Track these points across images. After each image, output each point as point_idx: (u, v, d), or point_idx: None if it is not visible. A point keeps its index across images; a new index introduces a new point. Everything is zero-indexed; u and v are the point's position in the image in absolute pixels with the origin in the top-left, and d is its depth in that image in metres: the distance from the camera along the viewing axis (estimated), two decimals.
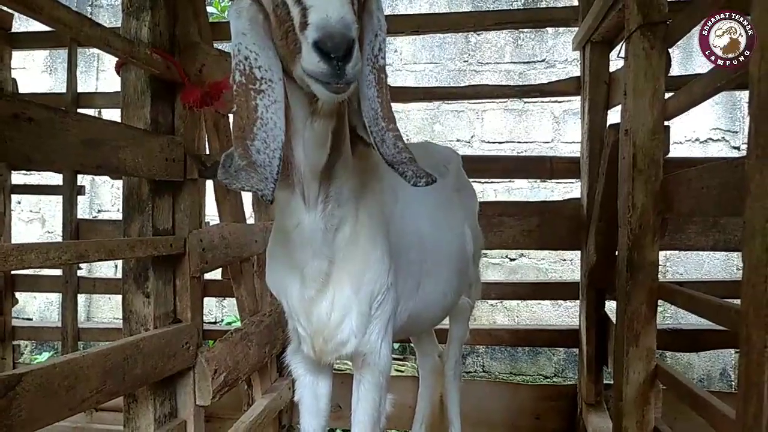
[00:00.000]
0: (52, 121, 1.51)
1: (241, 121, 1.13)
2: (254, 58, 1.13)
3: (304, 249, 1.43)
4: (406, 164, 1.20)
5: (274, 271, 1.64)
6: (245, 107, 1.12)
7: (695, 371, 4.70)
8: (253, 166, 1.10)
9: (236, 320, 4.56)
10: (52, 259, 1.51)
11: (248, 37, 1.14)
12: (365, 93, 1.21)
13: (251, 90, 1.13)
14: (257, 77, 1.13)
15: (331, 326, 1.53)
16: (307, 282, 1.48)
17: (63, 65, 3.76)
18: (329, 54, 0.96)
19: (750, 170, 1.07)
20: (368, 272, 1.53)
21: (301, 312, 1.55)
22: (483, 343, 4.14)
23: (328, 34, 0.95)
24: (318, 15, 0.96)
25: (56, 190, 3.71)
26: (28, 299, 5.49)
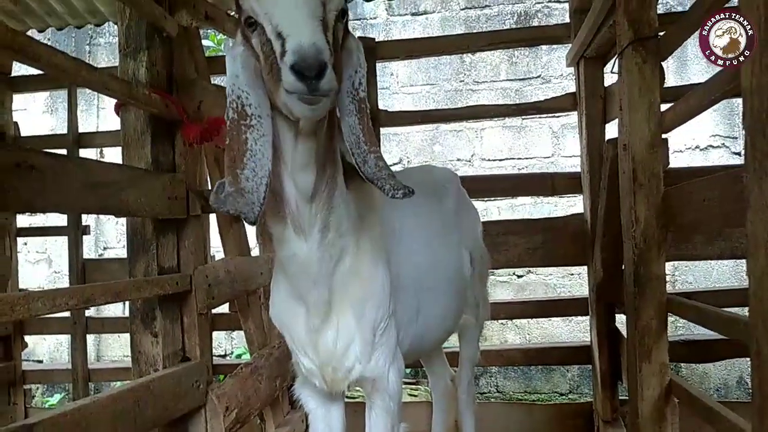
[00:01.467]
0: (54, 167, 1.53)
1: (232, 153, 1.25)
2: (245, 97, 1.27)
3: (303, 279, 1.48)
4: (385, 179, 1.31)
5: (277, 305, 1.67)
6: (237, 140, 1.25)
7: (711, 381, 4.64)
8: (241, 192, 1.22)
9: (246, 352, 4.54)
10: (59, 305, 1.51)
11: (240, 79, 1.27)
12: (346, 121, 1.33)
13: (242, 125, 1.25)
14: (248, 113, 1.26)
15: (337, 355, 1.56)
16: (311, 311, 1.51)
17: (64, 105, 3.80)
18: (303, 74, 1.08)
19: (749, 183, 1.06)
20: (370, 301, 1.57)
21: (308, 343, 1.57)
22: (495, 364, 4.10)
23: (302, 57, 1.07)
24: (294, 41, 1.10)
25: (61, 231, 3.73)
26: (37, 340, 5.49)
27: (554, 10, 5.08)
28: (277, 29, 1.15)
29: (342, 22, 1.28)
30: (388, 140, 5.10)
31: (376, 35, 5.09)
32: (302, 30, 1.11)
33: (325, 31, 1.16)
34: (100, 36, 5.80)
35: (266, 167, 1.25)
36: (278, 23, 1.15)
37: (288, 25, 1.13)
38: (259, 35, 1.23)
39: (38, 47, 1.48)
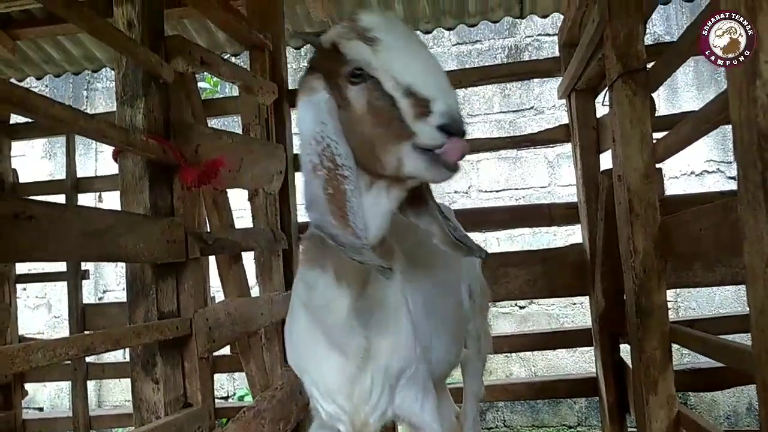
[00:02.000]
0: (52, 217, 1.53)
1: (336, 206, 1.22)
2: (335, 146, 1.23)
3: (340, 327, 1.46)
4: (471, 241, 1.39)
5: (299, 351, 1.64)
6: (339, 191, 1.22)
7: (721, 408, 4.58)
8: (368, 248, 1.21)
9: (248, 393, 4.48)
10: (59, 355, 1.50)
11: (328, 127, 1.24)
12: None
13: (338, 175, 1.22)
14: (338, 164, 1.23)
15: (372, 402, 1.56)
16: (349, 359, 1.50)
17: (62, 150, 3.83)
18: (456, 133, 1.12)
19: (743, 215, 1.07)
20: (399, 347, 1.58)
21: (341, 391, 1.55)
22: (501, 399, 4.05)
23: (454, 119, 1.11)
24: (444, 103, 1.12)
25: (61, 276, 3.71)
26: (38, 387, 5.43)
27: (544, 43, 5.17)
28: (409, 88, 1.15)
29: None
30: None
31: None
32: (450, 94, 1.14)
33: None
34: (97, 81, 5.88)
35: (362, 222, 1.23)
36: (413, 82, 1.15)
37: (431, 87, 1.14)
38: (368, 89, 1.22)
39: (36, 99, 1.50)
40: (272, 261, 2.90)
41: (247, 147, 2.65)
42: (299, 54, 5.39)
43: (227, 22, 2.74)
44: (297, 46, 4.11)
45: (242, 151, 2.55)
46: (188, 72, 2.27)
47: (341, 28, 1.29)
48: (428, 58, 1.21)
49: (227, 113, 3.65)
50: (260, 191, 2.84)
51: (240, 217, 2.86)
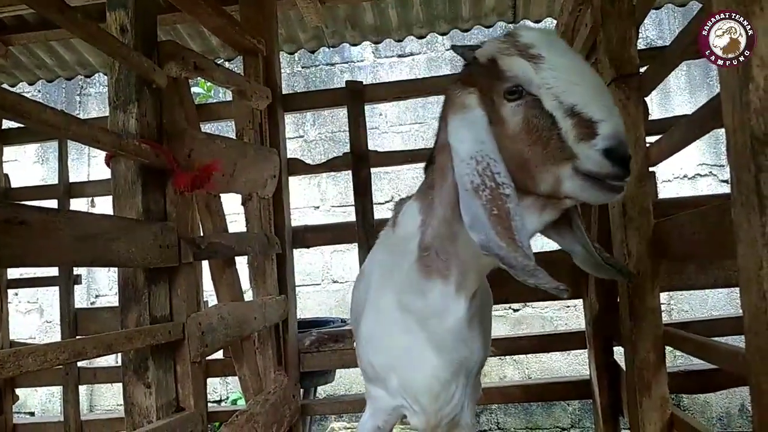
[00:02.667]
0: (44, 222, 1.52)
1: (502, 225, 1.19)
2: (494, 165, 1.21)
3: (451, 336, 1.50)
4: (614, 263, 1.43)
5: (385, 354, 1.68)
6: (503, 211, 1.19)
7: (713, 410, 4.59)
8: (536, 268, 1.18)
9: (241, 397, 4.46)
10: (50, 360, 1.48)
11: (487, 146, 1.23)
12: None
13: (501, 195, 1.20)
14: (499, 182, 1.20)
15: (453, 404, 1.63)
16: (446, 366, 1.54)
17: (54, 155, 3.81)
18: (622, 158, 1.10)
19: (737, 218, 1.08)
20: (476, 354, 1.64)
21: (428, 393, 1.59)
22: (495, 402, 4.05)
23: (621, 142, 1.10)
24: (611, 126, 1.11)
25: (53, 281, 3.69)
26: (29, 392, 5.39)
27: None
28: (573, 108, 1.13)
29: None
30: (380, 179, 5.14)
31: (364, 77, 5.18)
32: (617, 116, 1.13)
33: None
34: (90, 86, 5.86)
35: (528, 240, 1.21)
36: (578, 102, 1.13)
37: (598, 108, 1.12)
38: (527, 106, 1.20)
39: (28, 104, 1.49)
40: (266, 265, 2.89)
41: (240, 151, 2.64)
42: (293, 58, 5.40)
43: (220, 27, 2.74)
44: (291, 51, 4.11)
45: (236, 155, 2.55)
46: (181, 77, 2.26)
47: (500, 42, 1.26)
48: (594, 79, 1.20)
49: (221, 118, 3.65)
50: (254, 196, 2.83)
51: (233, 221, 2.85)
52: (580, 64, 1.21)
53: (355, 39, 3.98)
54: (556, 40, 1.25)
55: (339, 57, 5.48)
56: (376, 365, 1.73)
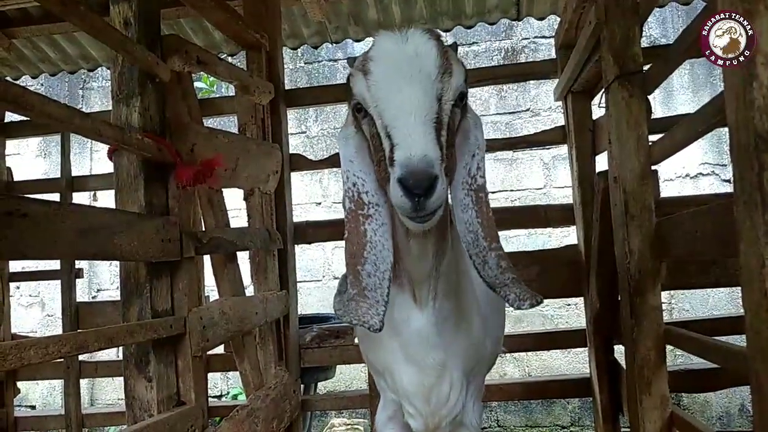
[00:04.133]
0: (46, 215, 1.52)
1: (352, 247, 1.19)
2: (361, 183, 1.21)
3: (418, 343, 1.46)
4: (509, 286, 1.21)
5: (377, 353, 1.66)
6: (355, 233, 1.20)
7: (713, 409, 4.59)
8: (363, 292, 1.16)
9: (242, 392, 4.47)
10: (51, 353, 1.49)
11: (355, 165, 1.22)
12: (461, 217, 1.23)
13: (360, 215, 1.20)
14: (365, 202, 1.21)
15: (449, 406, 1.57)
16: (427, 371, 1.50)
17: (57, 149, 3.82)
18: (411, 190, 1.00)
19: (739, 216, 1.07)
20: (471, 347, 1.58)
21: (419, 396, 1.56)
22: (495, 399, 4.05)
23: (410, 172, 0.99)
24: (402, 153, 1.01)
25: (54, 275, 3.69)
26: (30, 385, 5.40)
27: (540, 45, 5.18)
28: (386, 129, 1.07)
29: (460, 105, 1.19)
30: None
31: None
32: (413, 139, 1.02)
33: (439, 133, 1.08)
34: (93, 80, 5.86)
35: (388, 260, 1.19)
36: (388, 123, 1.07)
37: (398, 130, 1.05)
38: (369, 124, 1.16)
39: (31, 97, 1.49)
40: (267, 261, 2.89)
41: (243, 147, 2.64)
42: (296, 54, 5.39)
43: (224, 22, 2.74)
44: (294, 47, 4.10)
45: (238, 150, 2.55)
46: (184, 71, 2.26)
47: (361, 56, 1.21)
48: (409, 95, 1.07)
49: (223, 113, 3.64)
50: (256, 191, 2.83)
51: (235, 216, 2.85)
52: (402, 80, 1.08)
53: (358, 35, 3.97)
54: (393, 49, 1.12)
55: (342, 53, 5.47)
56: (373, 362, 1.73)
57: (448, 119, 1.13)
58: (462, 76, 1.16)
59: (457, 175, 1.24)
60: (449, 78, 1.12)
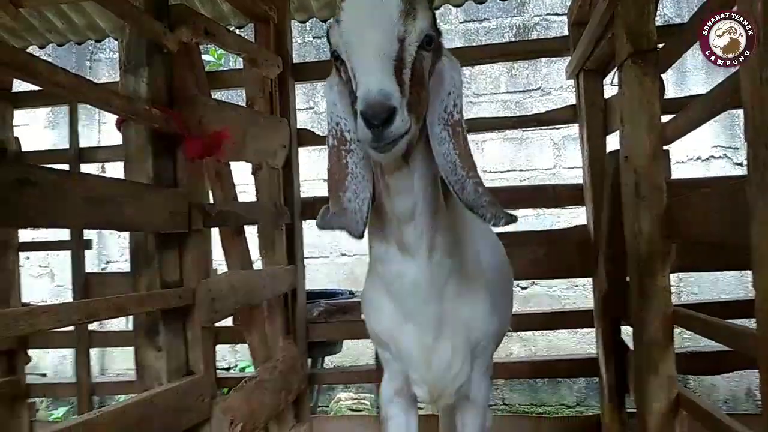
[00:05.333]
0: (56, 183, 1.53)
1: (333, 177, 1.33)
2: (344, 123, 1.33)
3: (411, 298, 1.50)
4: (485, 207, 1.29)
5: (380, 321, 1.68)
6: (338, 165, 1.32)
7: (720, 393, 4.60)
8: (344, 212, 1.30)
9: (250, 365, 4.52)
10: (62, 320, 1.50)
11: (338, 107, 1.34)
12: (438, 150, 1.30)
13: (342, 150, 1.33)
14: (347, 139, 1.33)
15: (452, 373, 1.61)
16: (423, 329, 1.53)
17: (65, 120, 3.81)
18: (370, 121, 1.08)
19: (752, 197, 1.06)
20: (477, 324, 1.61)
21: (420, 361, 1.59)
22: (502, 377, 4.08)
23: (369, 104, 1.07)
24: (362, 88, 1.10)
25: (63, 245, 3.72)
26: (41, 354, 5.46)
27: (553, 22, 5.10)
28: (353, 70, 1.18)
29: (428, 49, 1.26)
30: None
31: None
32: (371, 75, 1.10)
33: (400, 71, 1.15)
34: (100, 51, 5.83)
35: (367, 189, 1.31)
36: (353, 64, 1.18)
37: (359, 67, 1.14)
38: (344, 70, 1.25)
39: (38, 64, 1.48)
40: (275, 235, 2.90)
41: (251, 120, 2.63)
42: (304, 28, 5.34)
43: None
44: (302, 20, 4.06)
45: (246, 124, 2.54)
46: (192, 42, 2.24)
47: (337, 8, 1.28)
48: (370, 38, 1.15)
49: (231, 86, 3.62)
50: (264, 165, 2.83)
51: (243, 192, 2.85)
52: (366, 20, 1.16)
53: None
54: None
55: None
56: (376, 330, 1.74)
57: (413, 60, 1.20)
58: (427, 21, 1.23)
59: (434, 113, 1.31)
60: (413, 21, 1.19)
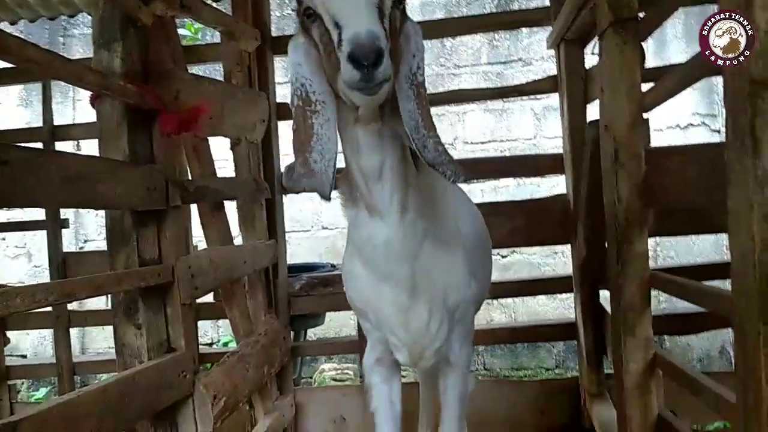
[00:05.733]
0: (29, 162, 1.49)
1: (299, 137, 1.34)
2: (309, 84, 1.33)
3: (384, 259, 1.52)
4: (446, 164, 1.35)
5: (356, 289, 1.71)
6: (302, 126, 1.33)
7: (695, 352, 4.73)
8: (311, 173, 1.31)
9: (233, 340, 4.53)
10: (38, 301, 1.48)
11: (303, 68, 1.34)
12: (405, 106, 1.35)
13: (307, 111, 1.33)
14: (312, 100, 1.33)
15: (430, 334, 1.64)
16: (397, 288, 1.56)
17: (38, 98, 3.72)
18: (360, 62, 1.10)
19: (730, 162, 1.07)
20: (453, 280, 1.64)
21: (398, 322, 1.62)
22: (483, 343, 4.14)
23: (359, 45, 1.10)
24: (350, 31, 1.12)
25: (40, 225, 3.66)
26: (20, 335, 5.41)
27: None
28: (334, 19, 1.18)
29: (399, 8, 1.30)
30: None
31: None
32: (359, 19, 1.14)
33: (382, 19, 1.19)
34: (74, 27, 5.68)
35: (333, 150, 1.32)
36: (335, 13, 1.18)
37: (345, 14, 1.16)
38: (318, 27, 1.27)
39: (8, 39, 1.44)
40: (255, 210, 2.88)
41: (228, 94, 2.59)
42: (283, 1, 5.24)
43: None
44: None
45: (224, 98, 2.50)
46: (167, 15, 2.19)
47: None
48: None
49: (208, 60, 3.55)
50: (242, 140, 2.79)
51: (222, 167, 2.82)
52: None
53: None
54: None
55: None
56: (354, 299, 1.78)
57: (390, 15, 1.25)
58: None
59: (402, 72, 1.36)
60: None
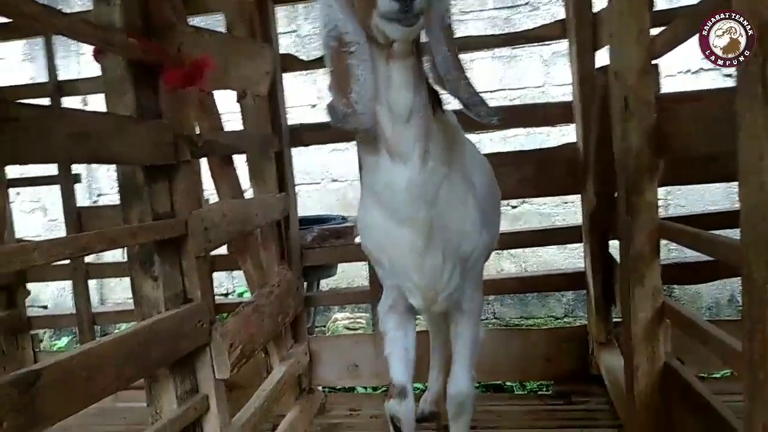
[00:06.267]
0: (36, 119, 1.50)
1: (337, 78, 1.36)
2: (342, 24, 1.35)
3: (405, 204, 1.53)
4: (479, 105, 1.42)
5: (372, 237, 1.74)
6: (340, 66, 1.35)
7: (704, 300, 4.76)
8: (355, 113, 1.34)
9: (247, 290, 4.61)
10: (55, 255, 1.51)
11: (334, 8, 1.36)
12: (437, 49, 1.39)
13: (343, 52, 1.34)
14: (345, 41, 1.34)
15: (444, 279, 1.67)
16: (416, 232, 1.57)
17: (42, 52, 3.68)
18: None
19: (740, 109, 1.06)
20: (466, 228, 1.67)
21: (414, 267, 1.65)
22: (492, 293, 4.18)
23: None
24: None
25: (52, 180, 3.69)
26: (41, 287, 5.54)
27: None
28: None
29: None
30: None
31: None
32: None
33: None
34: None
35: (371, 90, 1.35)
36: None
37: None
38: None
39: None
40: (264, 164, 2.89)
41: (231, 46, 2.56)
42: None
43: None
44: None
45: (227, 50, 2.47)
46: None
47: None
48: None
49: (209, 11, 3.49)
50: (248, 93, 2.77)
51: (228, 121, 2.81)
52: None
53: None
54: None
55: None
56: (370, 248, 1.79)
57: None
58: None
59: (433, 15, 1.38)
60: None
